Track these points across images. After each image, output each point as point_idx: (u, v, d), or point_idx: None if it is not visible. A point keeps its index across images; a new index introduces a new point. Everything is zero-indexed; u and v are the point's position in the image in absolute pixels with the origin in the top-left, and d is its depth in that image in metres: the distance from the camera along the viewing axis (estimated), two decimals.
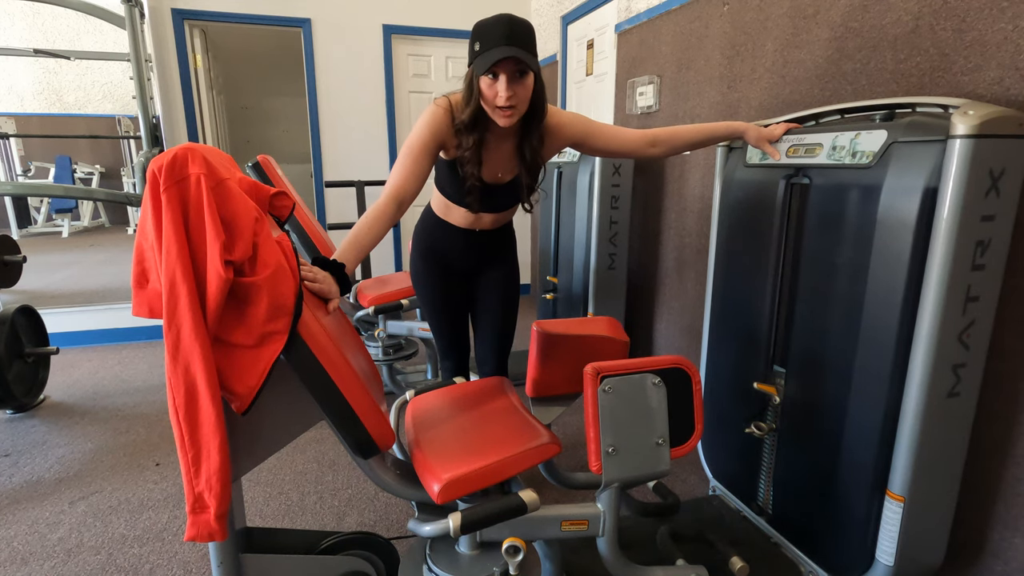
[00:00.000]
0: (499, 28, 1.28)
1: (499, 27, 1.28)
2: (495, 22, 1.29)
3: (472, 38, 1.33)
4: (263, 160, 2.44)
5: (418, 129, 1.39)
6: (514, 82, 1.30)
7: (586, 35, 3.44)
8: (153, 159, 0.87)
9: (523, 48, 1.28)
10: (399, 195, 1.33)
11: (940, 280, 1.11)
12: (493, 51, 1.27)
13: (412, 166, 1.36)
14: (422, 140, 1.37)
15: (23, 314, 2.67)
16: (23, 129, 5.17)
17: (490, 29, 1.29)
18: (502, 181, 1.52)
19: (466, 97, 1.37)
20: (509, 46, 1.26)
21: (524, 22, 1.31)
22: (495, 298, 1.71)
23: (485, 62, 1.28)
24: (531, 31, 1.32)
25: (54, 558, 1.67)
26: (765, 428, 1.55)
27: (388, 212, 1.30)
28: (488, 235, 1.65)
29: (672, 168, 2.60)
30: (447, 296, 1.70)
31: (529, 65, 1.29)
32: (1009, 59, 1.25)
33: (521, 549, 1.09)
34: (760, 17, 2.00)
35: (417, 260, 1.70)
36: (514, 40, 1.27)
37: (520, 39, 1.28)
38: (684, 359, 1.13)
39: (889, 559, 1.26)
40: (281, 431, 1.20)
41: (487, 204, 1.54)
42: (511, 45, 1.26)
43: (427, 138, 1.37)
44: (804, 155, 1.41)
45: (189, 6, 3.60)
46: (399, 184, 1.34)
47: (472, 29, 1.33)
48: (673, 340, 2.72)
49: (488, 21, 1.30)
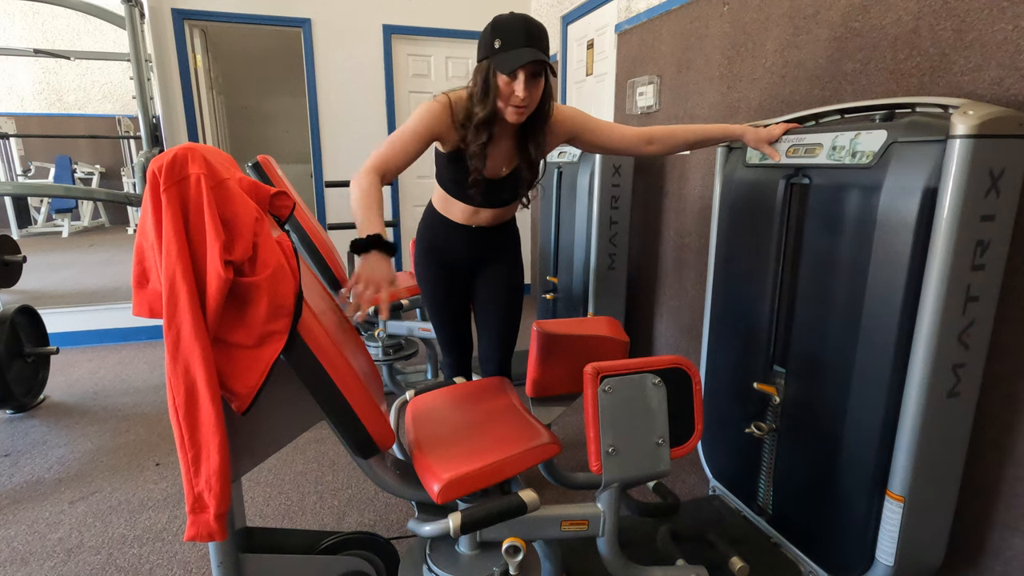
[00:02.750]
0: (520, 27, 1.30)
1: (520, 26, 1.30)
2: (515, 20, 1.30)
3: (491, 34, 1.32)
4: (263, 160, 2.44)
5: (414, 119, 1.38)
6: (531, 82, 1.33)
7: (586, 35, 3.44)
8: (153, 159, 0.87)
9: (543, 51, 1.31)
10: (382, 168, 1.33)
11: (940, 280, 1.11)
12: (518, 52, 1.28)
13: (401, 147, 1.36)
14: (415, 129, 1.37)
15: (23, 314, 2.67)
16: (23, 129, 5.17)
17: (512, 27, 1.30)
18: (502, 175, 1.53)
19: (481, 92, 1.36)
20: (531, 48, 1.29)
21: (540, 24, 1.34)
22: (496, 293, 1.71)
23: (511, 62, 1.29)
24: (546, 33, 1.35)
25: (54, 558, 1.67)
26: (765, 428, 1.55)
27: (376, 183, 1.30)
28: (489, 232, 1.65)
29: (672, 168, 2.60)
30: (449, 291, 1.70)
31: (548, 69, 1.32)
32: (1009, 59, 1.25)
33: (521, 549, 1.09)
34: (760, 17, 2.00)
35: (420, 256, 1.70)
36: (534, 42, 1.30)
37: (539, 41, 1.31)
38: (684, 359, 1.13)
39: (889, 559, 1.26)
40: (281, 431, 1.20)
41: (488, 198, 1.55)
42: (532, 47, 1.29)
43: (421, 129, 1.38)
44: (804, 155, 1.41)
45: (189, 6, 3.60)
46: (385, 157, 1.34)
47: (491, 24, 1.33)
48: (673, 340, 2.72)
49: (508, 18, 1.31)
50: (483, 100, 1.36)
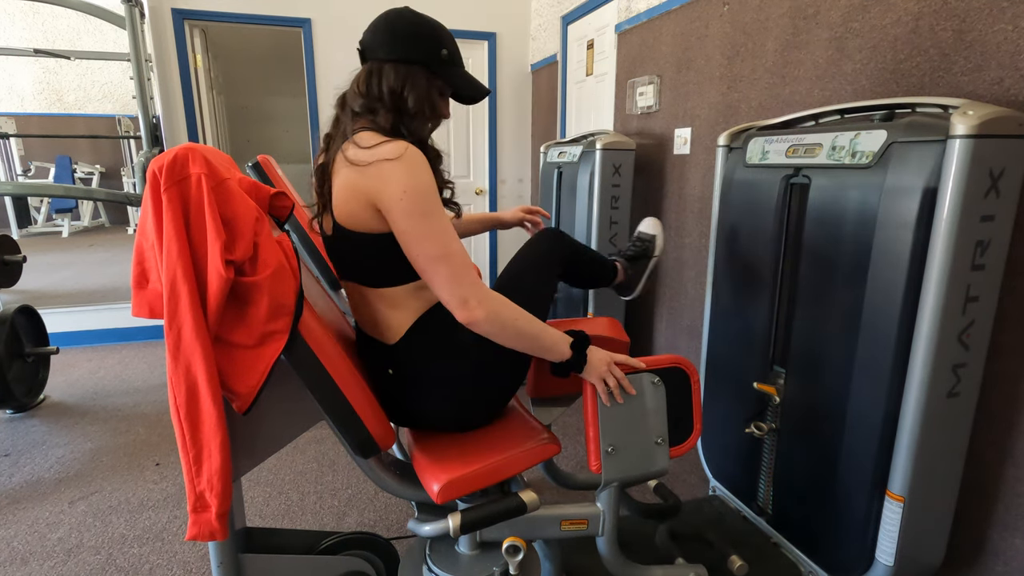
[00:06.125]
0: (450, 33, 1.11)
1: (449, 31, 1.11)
2: (438, 23, 1.11)
3: (435, 38, 1.08)
4: (263, 160, 2.43)
5: (431, 200, 1.00)
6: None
7: (586, 35, 3.44)
8: (153, 159, 0.87)
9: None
10: (473, 275, 1.02)
11: (940, 280, 1.11)
12: (466, 71, 1.13)
13: (456, 241, 1.01)
14: (439, 206, 1.02)
15: (23, 314, 2.67)
16: (23, 129, 5.17)
17: (447, 33, 1.11)
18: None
19: (429, 111, 1.09)
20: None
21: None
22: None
23: (473, 90, 1.13)
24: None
25: (54, 558, 1.67)
26: (765, 428, 1.55)
27: (491, 292, 1.03)
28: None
29: (672, 168, 2.60)
30: None
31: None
32: (1009, 59, 1.25)
33: (521, 549, 1.09)
34: (760, 17, 2.00)
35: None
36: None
37: None
38: (683, 359, 1.13)
39: (889, 559, 1.26)
40: (281, 431, 1.20)
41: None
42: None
43: (438, 198, 1.04)
44: (804, 155, 1.41)
45: (189, 6, 3.59)
46: (465, 265, 1.01)
47: (426, 22, 1.09)
48: (673, 340, 2.72)
49: (431, 19, 1.10)
50: (433, 119, 1.12)
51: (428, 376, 1.12)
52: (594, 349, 1.07)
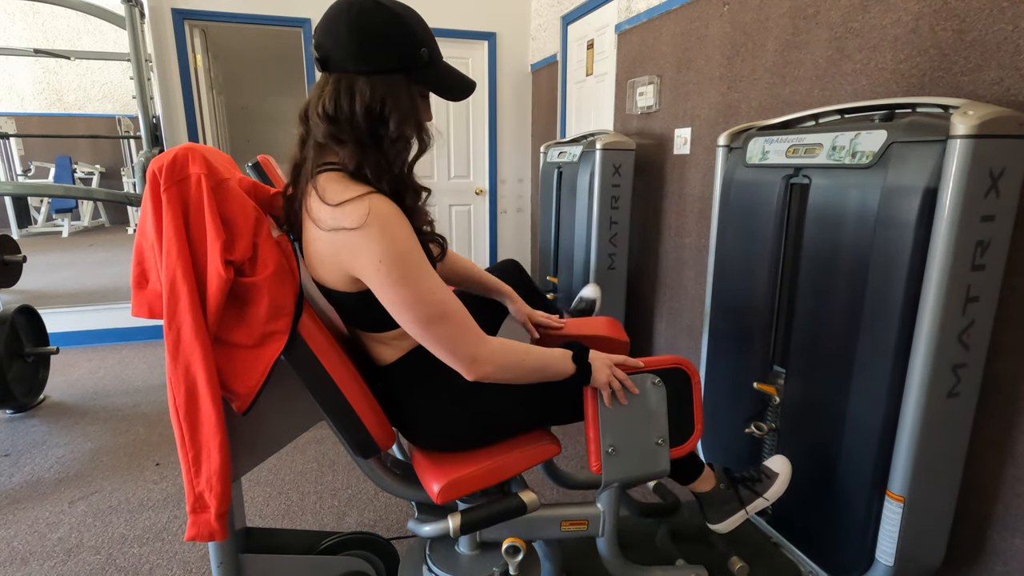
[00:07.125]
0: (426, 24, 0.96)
1: (424, 22, 0.96)
2: (417, 13, 0.96)
3: (413, 40, 0.92)
4: (263, 160, 2.43)
5: (406, 237, 0.90)
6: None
7: (586, 35, 3.44)
8: (153, 159, 0.87)
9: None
10: (474, 329, 0.96)
11: (940, 280, 1.11)
12: (451, 66, 0.98)
13: (441, 287, 0.93)
14: (420, 255, 0.92)
15: (23, 314, 2.67)
16: (23, 129, 5.17)
17: (426, 25, 0.96)
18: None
19: (408, 131, 0.95)
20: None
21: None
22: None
23: (460, 85, 0.99)
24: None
25: (54, 558, 1.67)
26: (765, 428, 1.55)
27: (489, 340, 0.97)
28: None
29: (672, 168, 2.60)
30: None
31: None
32: (1009, 59, 1.25)
33: (521, 549, 1.09)
34: (760, 17, 2.00)
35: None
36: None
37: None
38: (684, 359, 1.13)
39: (889, 559, 1.26)
40: (281, 431, 1.20)
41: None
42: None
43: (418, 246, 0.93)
44: (804, 155, 1.41)
45: (189, 6, 3.59)
46: (461, 317, 0.94)
47: (406, 25, 0.92)
48: (673, 340, 2.72)
49: (411, 11, 0.94)
50: (419, 136, 0.98)
51: (418, 402, 1.09)
52: (594, 355, 1.06)
